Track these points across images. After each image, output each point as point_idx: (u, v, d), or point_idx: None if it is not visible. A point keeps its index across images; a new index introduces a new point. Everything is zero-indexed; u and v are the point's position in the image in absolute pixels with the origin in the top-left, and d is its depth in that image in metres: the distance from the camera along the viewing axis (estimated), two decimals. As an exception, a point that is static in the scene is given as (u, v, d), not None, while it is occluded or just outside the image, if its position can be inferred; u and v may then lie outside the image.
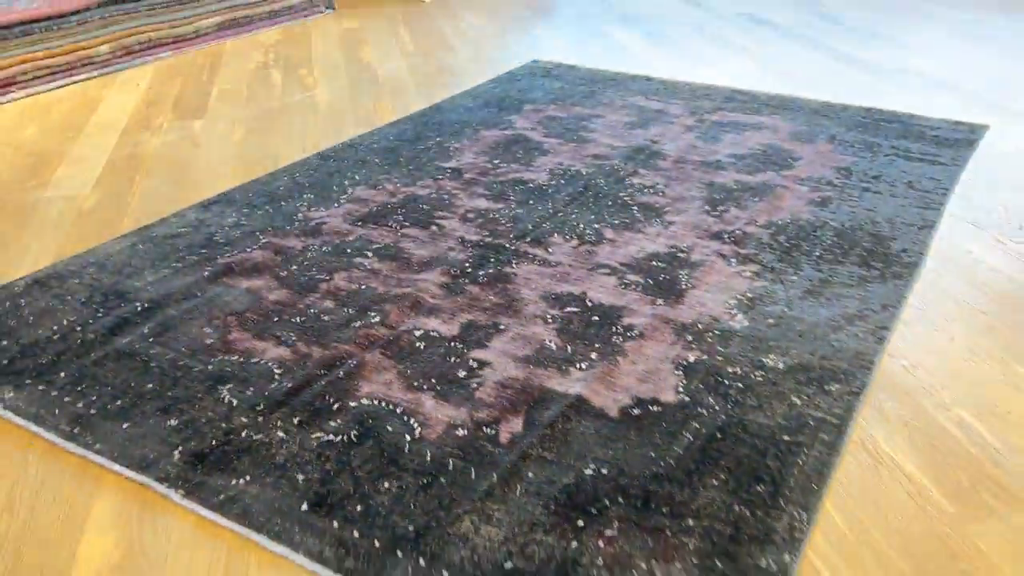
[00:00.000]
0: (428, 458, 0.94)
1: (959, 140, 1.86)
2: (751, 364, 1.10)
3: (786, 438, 0.97)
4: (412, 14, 3.16)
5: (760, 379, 1.07)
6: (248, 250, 1.41)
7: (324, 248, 1.42)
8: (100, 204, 1.60)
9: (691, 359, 1.11)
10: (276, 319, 1.21)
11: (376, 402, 1.03)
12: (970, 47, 2.63)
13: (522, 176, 1.70)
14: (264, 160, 1.81)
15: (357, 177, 1.71)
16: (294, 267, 1.36)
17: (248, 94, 2.25)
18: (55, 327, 1.19)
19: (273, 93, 2.25)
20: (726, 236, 1.44)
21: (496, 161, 1.78)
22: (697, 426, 0.99)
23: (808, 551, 0.83)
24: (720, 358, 1.11)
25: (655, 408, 1.02)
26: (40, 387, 1.07)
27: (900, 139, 1.87)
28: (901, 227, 1.47)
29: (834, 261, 1.36)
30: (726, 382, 1.06)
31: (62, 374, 1.09)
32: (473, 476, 0.92)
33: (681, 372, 1.08)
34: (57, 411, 1.02)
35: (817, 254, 1.38)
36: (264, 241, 1.45)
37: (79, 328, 1.19)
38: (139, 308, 1.24)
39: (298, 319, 1.21)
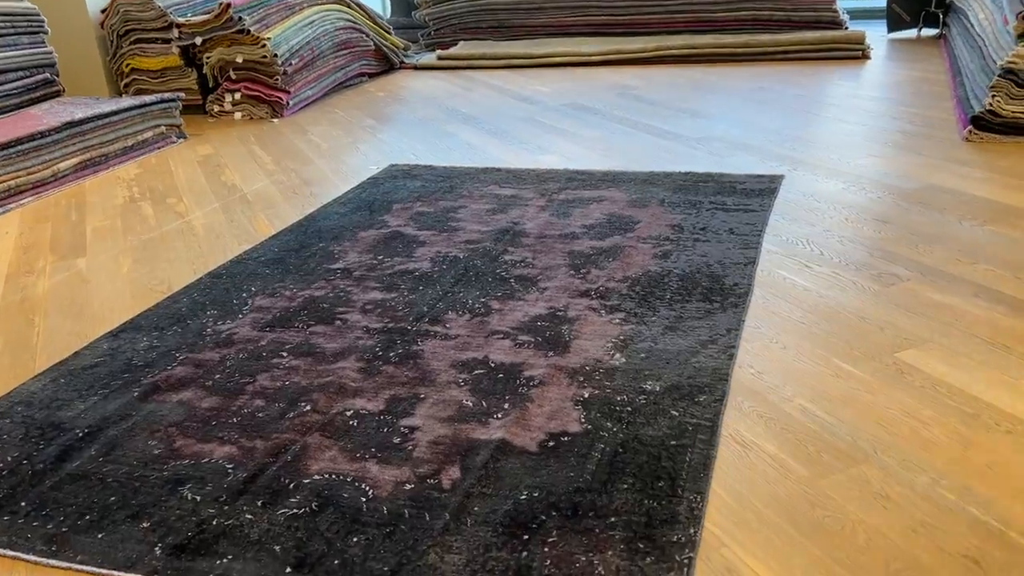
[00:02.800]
0: (386, 512, 1.10)
1: (763, 189, 2.23)
2: (634, 391, 1.33)
3: (673, 443, 1.19)
4: (263, 134, 3.34)
5: (644, 401, 1.30)
6: (169, 368, 1.52)
7: (241, 355, 1.55)
8: (5, 349, 1.66)
9: (586, 395, 1.33)
10: (215, 423, 1.33)
11: (327, 476, 1.18)
12: (757, 111, 3.09)
13: (407, 267, 1.90)
14: (158, 286, 1.91)
15: (254, 288, 1.85)
16: (217, 376, 1.48)
17: (123, 227, 2.34)
18: (0, 464, 1.26)
19: (148, 224, 2.35)
20: (592, 293, 1.69)
21: (380, 257, 1.97)
22: (602, 446, 1.20)
23: (706, 523, 1.05)
24: (609, 390, 1.33)
25: (566, 438, 1.22)
26: (4, 518, 1.14)
27: (716, 195, 2.21)
28: (730, 266, 1.77)
29: (682, 301, 1.63)
30: (617, 408, 1.28)
31: (23, 503, 1.16)
32: (428, 518, 1.08)
33: (580, 407, 1.30)
34: (29, 535, 1.10)
35: (668, 297, 1.65)
36: (182, 358, 1.56)
37: (26, 461, 1.26)
38: (80, 434, 1.32)
39: (235, 419, 1.34)
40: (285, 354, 1.54)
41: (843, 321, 1.52)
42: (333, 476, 1.18)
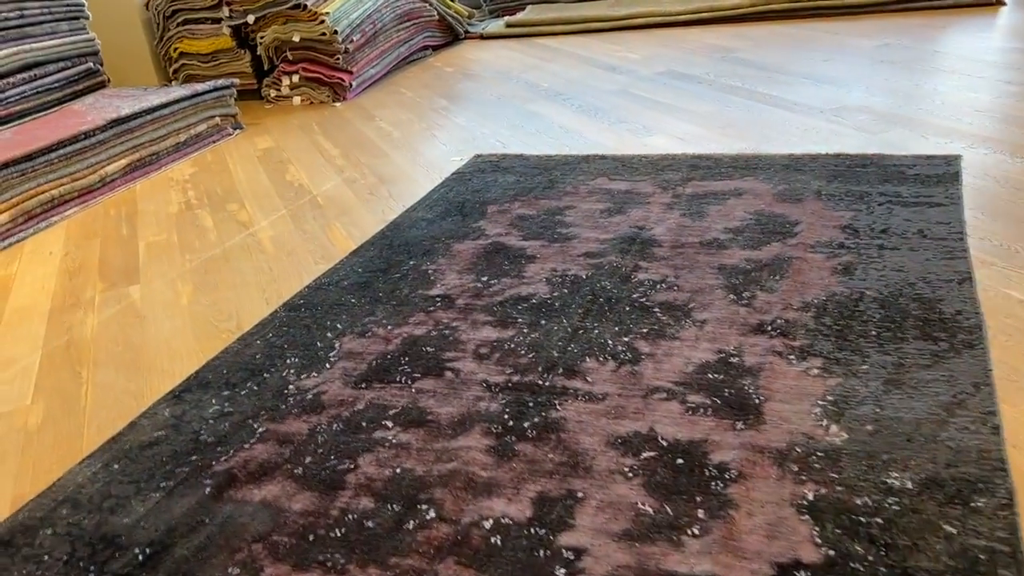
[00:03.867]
0: None
1: (941, 175, 1.82)
2: (877, 489, 0.96)
3: (965, 583, 0.83)
4: (326, 121, 3.01)
5: (896, 507, 0.93)
6: (246, 446, 1.21)
7: (335, 426, 1.23)
8: (49, 417, 1.37)
9: (810, 496, 0.97)
10: (311, 537, 1.01)
11: (474, 633, 0.85)
12: (892, 74, 2.65)
13: (519, 291, 1.55)
14: (225, 323, 1.60)
15: (339, 325, 1.52)
16: (308, 459, 1.16)
17: (180, 243, 2.04)
18: (40, 605, 0.96)
19: (207, 238, 2.05)
20: (769, 328, 1.33)
21: (484, 278, 1.63)
22: (861, 588, 0.84)
23: None
24: (840, 488, 0.97)
25: (804, 574, 0.87)
26: None
27: (884, 183, 1.81)
28: (940, 284, 1.38)
29: (894, 339, 1.25)
30: (862, 519, 0.92)
31: (67, 675, 0.86)
32: None
33: (808, 516, 0.94)
34: None
35: (874, 333, 1.27)
36: (261, 431, 1.24)
37: (71, 600, 0.96)
38: (139, 556, 1.02)
39: (338, 531, 1.01)
40: (390, 423, 1.22)
41: None
42: (482, 634, 0.84)
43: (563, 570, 0.91)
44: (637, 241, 1.70)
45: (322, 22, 3.24)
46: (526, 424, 1.17)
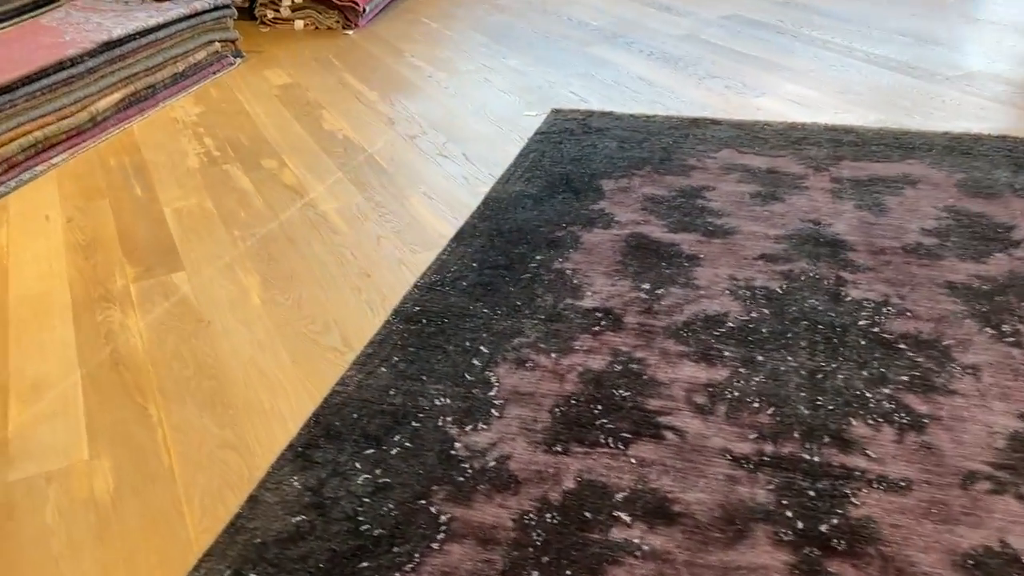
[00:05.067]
0: None
1: None
2: None
3: None
4: (345, 55, 2.56)
5: None
6: (435, 548, 0.88)
7: (548, 518, 0.91)
8: (124, 482, 1.00)
9: None
10: None
11: None
12: (1009, 37, 2.39)
13: (703, 309, 1.24)
14: (323, 336, 1.24)
15: (483, 348, 1.18)
16: (534, 574, 0.84)
17: (219, 211, 1.63)
18: None
19: (252, 206, 1.65)
20: (1068, 382, 1.05)
21: (646, 286, 1.31)
22: None
23: None
24: None
25: None
26: None
27: (1083, 178, 1.55)
28: None
29: None
30: None
31: None
32: None
33: None
34: None
35: None
36: (446, 520, 0.91)
37: None
38: None
39: None
40: (625, 516, 0.90)
41: None
42: None
43: None
44: (821, 241, 1.40)
45: (336, -67, 2.76)
46: (823, 528, 0.87)
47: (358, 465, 0.99)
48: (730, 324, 1.21)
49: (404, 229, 1.53)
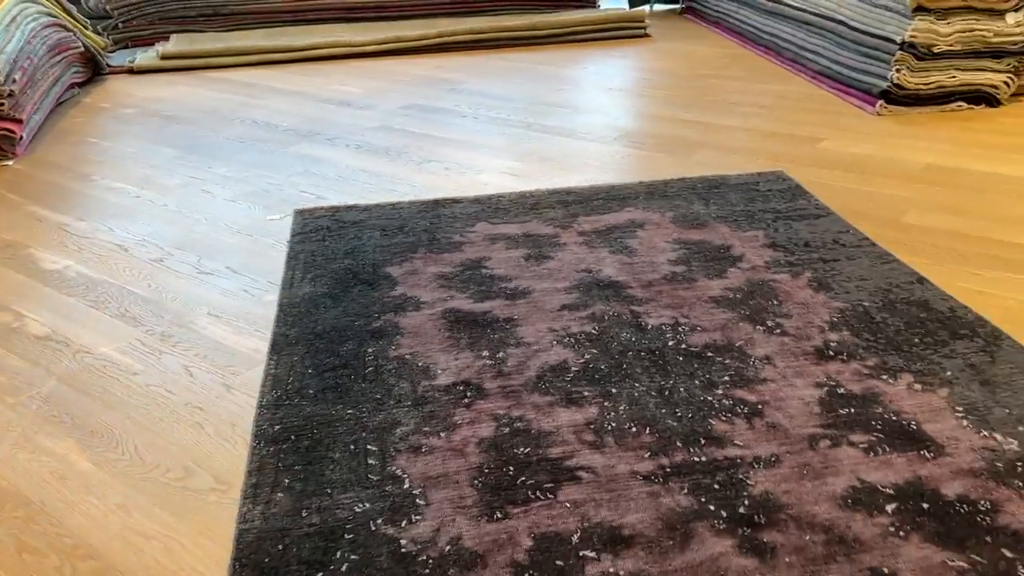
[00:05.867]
0: None
1: (786, 189, 2.05)
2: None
3: None
4: (20, 187, 2.28)
5: (1124, 492, 1.04)
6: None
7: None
8: None
9: None
10: None
11: None
12: (630, 101, 2.91)
13: (545, 361, 1.38)
14: (194, 482, 1.15)
15: (371, 447, 1.19)
16: (548, 628, 0.90)
17: (-32, 382, 1.40)
18: None
19: (10, 367, 1.44)
20: (832, 353, 1.37)
21: (485, 353, 1.41)
22: None
23: None
24: None
25: None
26: None
27: (753, 202, 1.98)
28: (909, 287, 1.57)
29: (936, 342, 1.39)
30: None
31: None
32: None
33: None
34: None
35: (916, 340, 1.40)
36: (439, 611, 0.92)
37: None
38: None
39: None
40: (591, 553, 0.99)
41: None
42: None
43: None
44: (602, 285, 1.62)
45: (-26, 57, 2.46)
46: (742, 511, 1.05)
47: (316, 594, 0.96)
48: (574, 368, 1.36)
49: (210, 353, 1.46)
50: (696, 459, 1.14)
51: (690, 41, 3.86)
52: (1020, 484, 1.07)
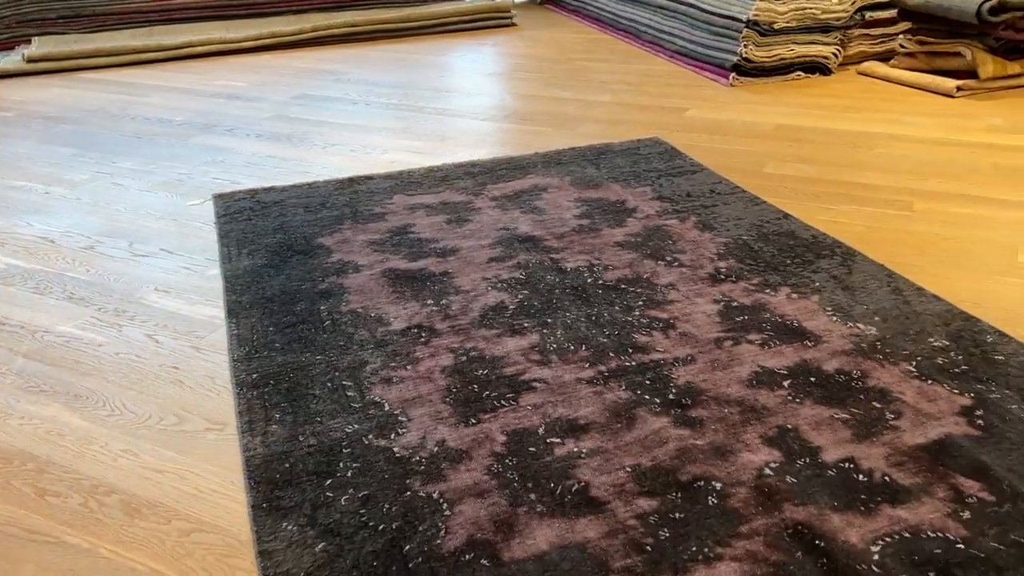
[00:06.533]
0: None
1: (665, 151, 2.32)
2: (933, 348, 1.37)
3: None
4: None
5: (954, 354, 1.35)
6: (447, 516, 1.07)
7: (507, 461, 1.15)
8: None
9: (911, 366, 1.32)
10: (652, 545, 1.00)
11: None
12: (505, 82, 3.13)
13: (484, 303, 1.57)
14: (190, 425, 1.26)
15: (346, 383, 1.34)
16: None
17: None
18: None
19: (-32, 350, 1.48)
20: (724, 274, 1.63)
21: (430, 302, 1.58)
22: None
23: None
24: (916, 355, 1.35)
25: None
26: None
27: (638, 164, 2.24)
28: (777, 221, 1.85)
29: (803, 261, 1.68)
30: (951, 367, 1.31)
31: None
32: None
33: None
34: None
35: (788, 261, 1.68)
36: (447, 502, 1.10)
37: None
38: None
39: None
40: (556, 440, 1.19)
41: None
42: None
43: (863, 470, 1.11)
44: (521, 240, 1.83)
45: None
46: (671, 396, 1.28)
47: (330, 494, 1.11)
48: (511, 307, 1.55)
49: (169, 323, 1.55)
50: (628, 364, 1.36)
51: (553, 29, 4.13)
52: (880, 357, 1.36)
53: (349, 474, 1.14)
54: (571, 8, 4.41)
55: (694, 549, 1.00)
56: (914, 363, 1.34)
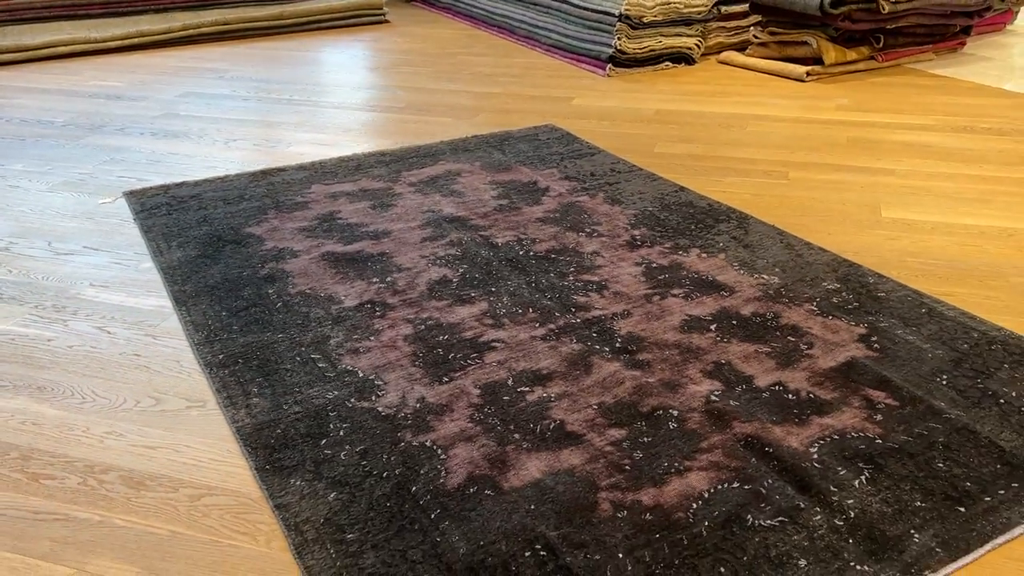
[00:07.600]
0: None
1: (561, 136, 2.49)
2: (828, 290, 1.60)
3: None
4: None
5: (845, 294, 1.58)
6: (445, 438, 1.17)
7: (486, 409, 1.27)
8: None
9: (813, 305, 1.54)
10: (631, 464, 1.15)
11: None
12: (385, 77, 3.22)
13: (429, 278, 1.67)
14: (169, 405, 1.29)
15: (315, 356, 1.41)
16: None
17: None
18: None
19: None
20: (639, 240, 1.80)
21: (375, 280, 1.67)
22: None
23: None
24: (815, 297, 1.57)
25: (871, 334, 1.44)
26: None
27: (540, 149, 2.40)
28: (676, 193, 2.06)
29: (705, 226, 1.88)
30: (845, 304, 1.54)
31: None
32: (923, 422, 1.23)
33: (828, 313, 1.51)
34: None
35: (692, 227, 1.88)
36: (440, 442, 1.20)
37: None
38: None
39: (639, 452, 1.17)
40: (526, 388, 1.32)
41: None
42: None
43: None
44: (448, 220, 1.93)
45: None
46: (618, 344, 1.44)
47: (328, 451, 1.19)
48: (455, 280, 1.66)
49: (116, 315, 1.56)
50: (574, 321, 1.51)
51: (427, 25, 4.23)
52: (786, 300, 1.57)
53: (341, 433, 1.22)
54: (442, 6, 4.52)
55: (666, 464, 1.15)
56: (815, 303, 1.56)
